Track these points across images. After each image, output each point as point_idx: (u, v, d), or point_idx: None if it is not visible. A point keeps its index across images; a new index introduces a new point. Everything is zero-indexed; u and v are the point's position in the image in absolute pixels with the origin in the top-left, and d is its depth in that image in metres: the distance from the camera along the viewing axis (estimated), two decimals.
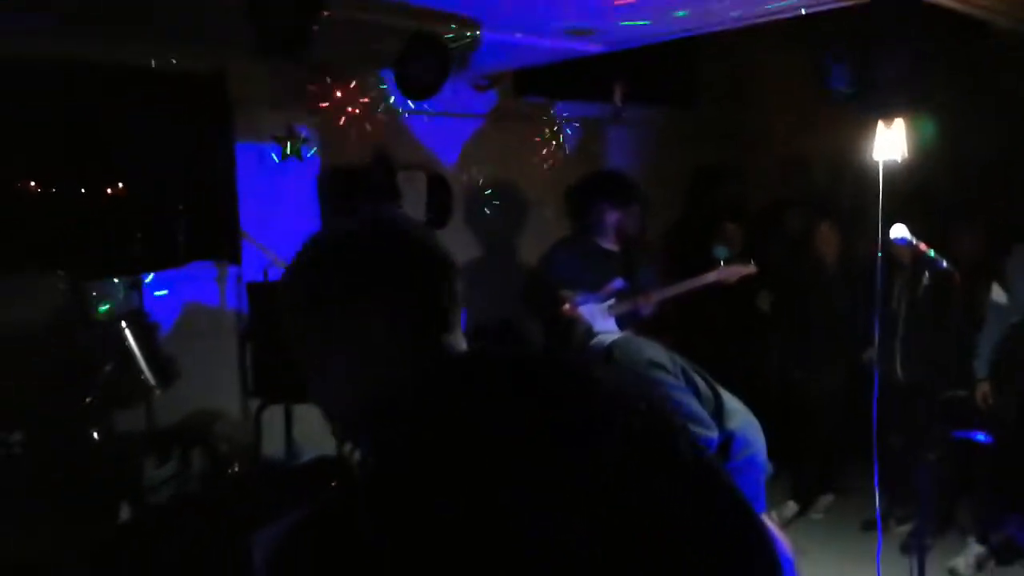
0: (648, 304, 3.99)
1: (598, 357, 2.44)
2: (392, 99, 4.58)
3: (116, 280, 3.45)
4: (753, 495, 2.46)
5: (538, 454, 0.92)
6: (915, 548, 2.94)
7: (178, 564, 2.15)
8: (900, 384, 4.23)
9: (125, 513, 2.78)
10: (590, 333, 2.62)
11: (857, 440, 4.10)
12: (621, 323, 3.65)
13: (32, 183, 3.98)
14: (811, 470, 4.72)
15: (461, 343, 1.12)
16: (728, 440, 2.41)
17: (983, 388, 3.95)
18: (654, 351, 2.45)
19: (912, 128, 3.37)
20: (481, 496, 0.89)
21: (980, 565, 3.98)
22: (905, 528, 4.32)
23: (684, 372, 2.44)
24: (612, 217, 4.00)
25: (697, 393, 2.42)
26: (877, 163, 3.36)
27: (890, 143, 3.30)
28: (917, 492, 2.91)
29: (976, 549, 4.00)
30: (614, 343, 2.51)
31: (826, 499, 4.67)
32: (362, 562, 0.89)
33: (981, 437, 2.57)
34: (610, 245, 4.04)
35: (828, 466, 4.74)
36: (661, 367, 2.37)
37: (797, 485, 4.71)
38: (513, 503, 0.89)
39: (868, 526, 4.44)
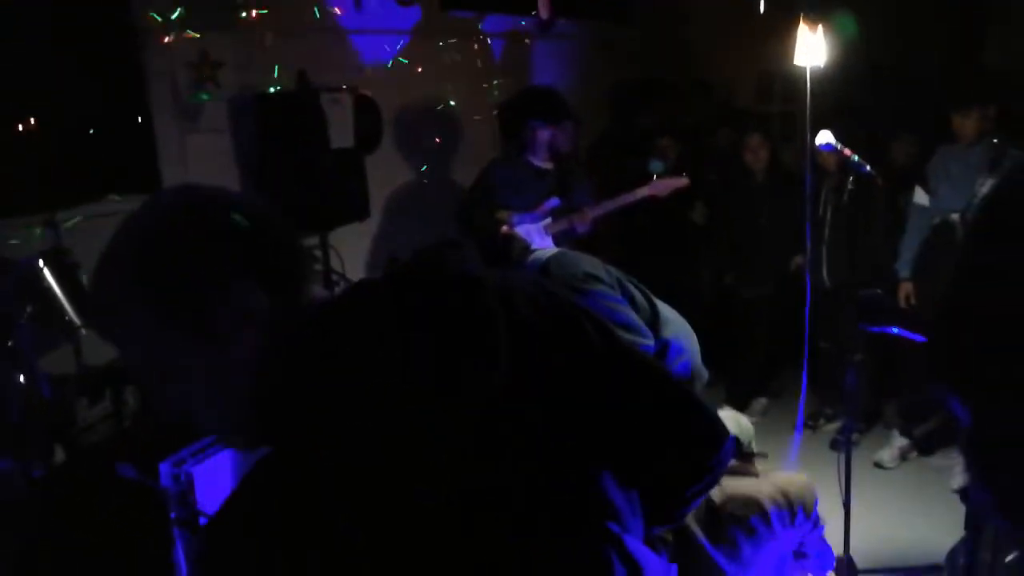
0: (584, 222, 4.01)
1: (534, 273, 2.45)
2: (316, 15, 4.42)
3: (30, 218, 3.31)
4: None
5: (425, 372, 0.88)
6: (843, 444, 3.08)
7: (116, 502, 2.13)
8: (827, 289, 4.36)
9: (60, 455, 2.73)
10: (527, 250, 2.62)
11: (789, 345, 4.25)
12: (558, 241, 3.66)
13: None
14: (745, 376, 4.88)
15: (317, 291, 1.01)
16: (664, 348, 2.48)
17: (905, 288, 4.10)
18: (590, 264, 2.49)
19: (834, 33, 3.39)
20: (378, 428, 0.86)
21: (903, 456, 4.20)
22: (833, 426, 4.53)
23: (620, 283, 2.49)
24: (543, 135, 3.97)
25: (633, 303, 2.47)
26: (803, 71, 3.38)
27: (813, 49, 3.32)
28: (844, 392, 3.02)
29: (900, 442, 4.22)
30: (550, 258, 2.53)
31: (760, 402, 4.85)
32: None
33: (895, 331, 2.66)
34: (543, 163, 4.03)
35: (762, 371, 4.90)
36: (597, 279, 2.41)
37: (732, 390, 4.87)
38: (416, 428, 0.87)
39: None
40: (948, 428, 3.98)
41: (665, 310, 2.58)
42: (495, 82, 5.17)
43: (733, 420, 2.63)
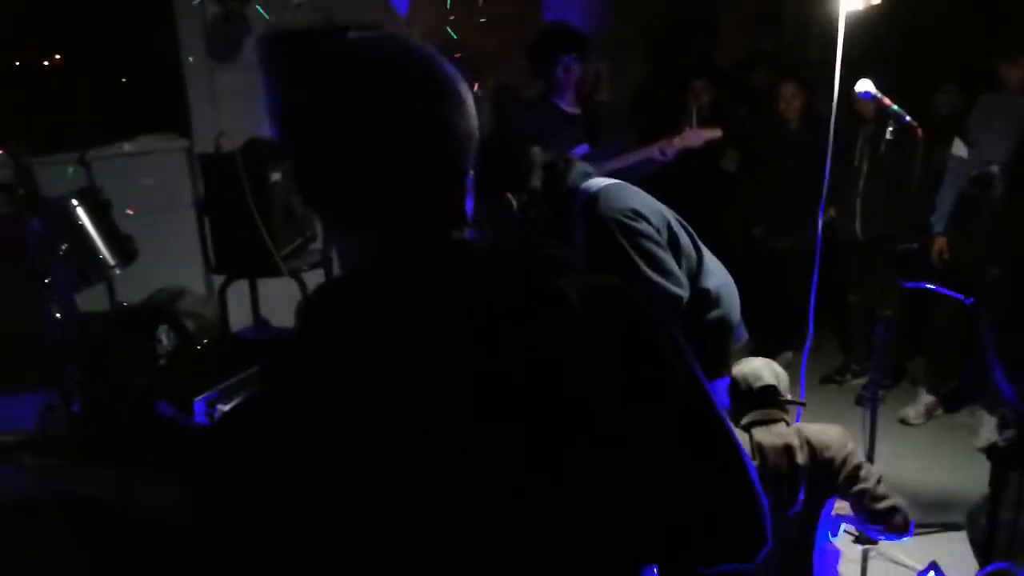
0: (614, 169, 3.93)
1: (585, 201, 2.41)
2: None
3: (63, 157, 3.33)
4: (718, 355, 2.53)
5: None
6: (868, 400, 3.06)
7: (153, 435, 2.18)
8: (860, 241, 4.30)
9: (98, 390, 2.78)
10: (586, 175, 2.54)
11: (818, 298, 4.21)
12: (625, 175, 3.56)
13: None
14: (772, 328, 4.85)
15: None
16: (703, 296, 2.45)
17: (939, 243, 4.03)
18: (640, 201, 2.42)
19: None
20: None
21: (929, 413, 4.19)
22: (860, 381, 4.51)
23: (669, 226, 2.44)
24: (575, 72, 3.76)
25: (677, 245, 2.42)
26: (838, 14, 3.26)
27: None
28: (872, 347, 3.00)
29: (926, 399, 4.20)
30: (603, 187, 2.45)
31: (785, 356, 4.83)
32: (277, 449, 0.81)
33: (930, 287, 2.63)
34: (571, 107, 3.89)
35: (789, 324, 4.87)
36: (643, 218, 2.35)
37: (758, 343, 4.85)
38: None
39: (826, 380, 4.63)
40: (976, 386, 3.96)
41: (710, 260, 2.54)
42: (519, 21, 5.05)
43: (767, 367, 2.62)
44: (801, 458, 2.33)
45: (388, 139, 0.85)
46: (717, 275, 2.51)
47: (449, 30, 4.72)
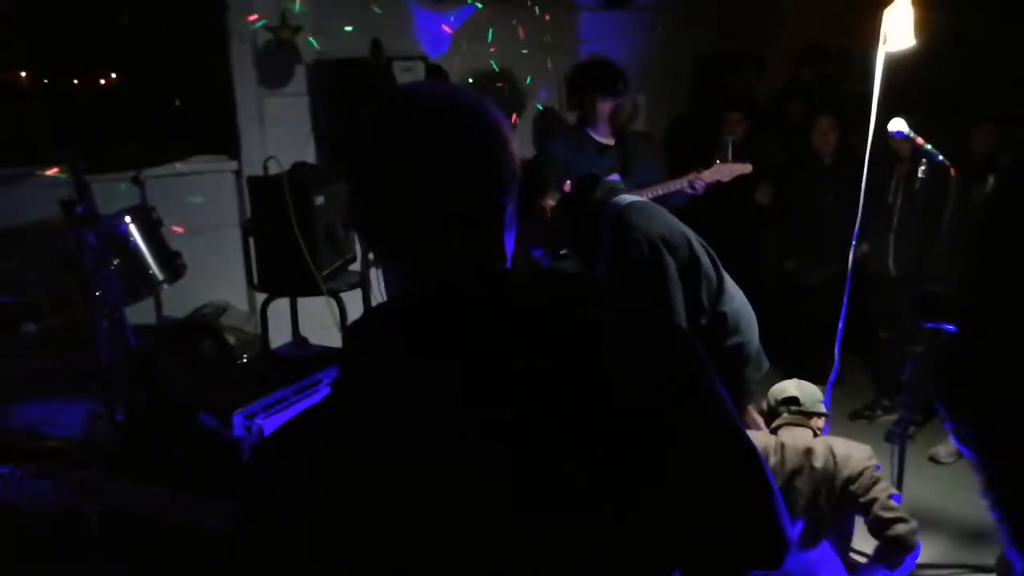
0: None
1: (612, 214, 2.47)
2: None
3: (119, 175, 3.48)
4: (733, 382, 2.56)
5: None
6: (898, 436, 3.07)
7: (195, 447, 2.27)
8: (892, 278, 4.30)
9: (140, 401, 2.89)
10: (613, 191, 2.60)
11: (849, 334, 4.20)
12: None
13: (30, 75, 3.94)
14: (802, 361, 4.84)
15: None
16: (720, 321, 2.49)
17: None
18: (665, 223, 2.49)
19: (917, 12, 3.25)
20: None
21: (959, 452, 4.13)
22: (890, 418, 4.48)
23: (690, 247, 2.49)
24: (604, 107, 3.86)
25: (699, 267, 2.48)
26: (879, 53, 3.28)
27: (895, 30, 3.19)
28: (903, 384, 3.01)
29: None
30: (631, 202, 2.52)
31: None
32: (329, 470, 0.86)
33: (952, 328, 2.63)
34: (605, 138, 3.98)
35: (819, 358, 4.85)
36: (669, 245, 2.42)
37: (787, 376, 4.83)
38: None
39: (856, 416, 4.61)
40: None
41: (731, 286, 2.59)
42: (568, 54, 5.16)
43: (794, 382, 2.68)
44: (819, 463, 2.39)
45: (434, 180, 0.93)
46: (737, 302, 2.56)
47: (492, 64, 4.84)
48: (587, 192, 2.55)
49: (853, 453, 2.46)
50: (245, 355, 3.40)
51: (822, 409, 2.71)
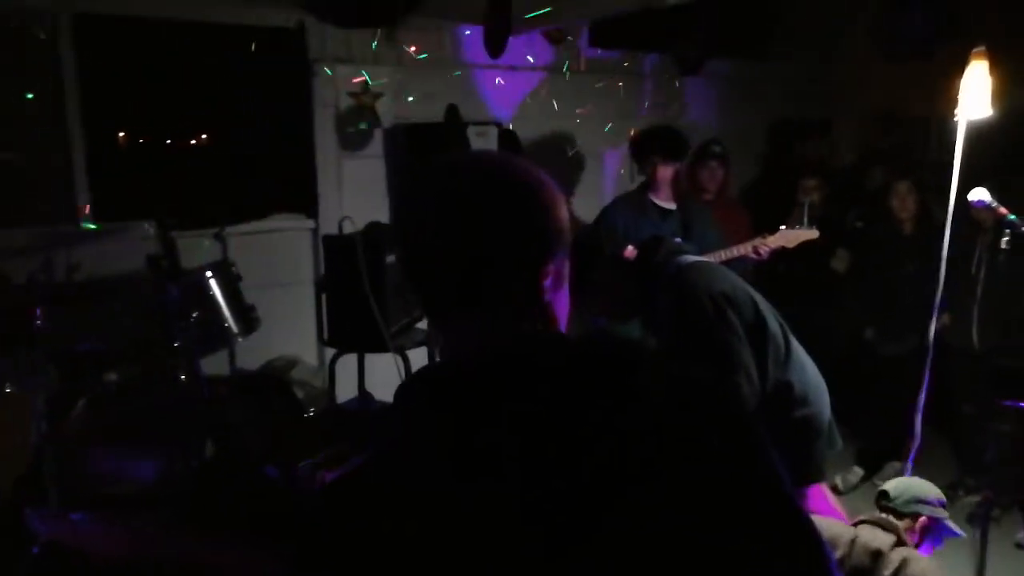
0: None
1: (674, 272, 2.46)
2: (464, 53, 4.63)
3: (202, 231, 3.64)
4: (801, 456, 2.45)
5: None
6: (981, 519, 2.91)
7: (259, 498, 2.31)
8: (976, 351, 4.13)
9: (210, 450, 2.96)
10: (674, 253, 2.57)
11: (929, 407, 4.04)
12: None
13: (128, 135, 4.19)
14: (879, 436, 4.66)
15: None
16: (785, 390, 2.41)
17: None
18: (730, 284, 2.44)
19: (998, 81, 3.18)
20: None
21: None
22: (974, 498, 4.25)
23: (756, 309, 2.42)
24: (664, 172, 3.90)
25: (765, 330, 2.40)
26: (959, 120, 3.22)
27: (973, 98, 3.13)
28: (986, 463, 2.87)
29: None
30: (694, 263, 2.50)
31: (893, 466, 4.62)
32: (390, 522, 0.87)
33: None
34: (666, 202, 3.98)
35: (897, 432, 4.67)
36: (732, 304, 2.36)
37: (864, 450, 4.67)
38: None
39: None
40: None
41: (800, 353, 2.50)
42: (638, 121, 5.22)
43: (895, 479, 2.55)
44: (886, 572, 2.24)
45: (478, 245, 0.95)
46: (805, 371, 2.46)
47: (562, 128, 4.94)
48: (651, 253, 2.53)
49: (926, 572, 2.21)
50: (312, 408, 3.46)
51: (918, 510, 2.47)
